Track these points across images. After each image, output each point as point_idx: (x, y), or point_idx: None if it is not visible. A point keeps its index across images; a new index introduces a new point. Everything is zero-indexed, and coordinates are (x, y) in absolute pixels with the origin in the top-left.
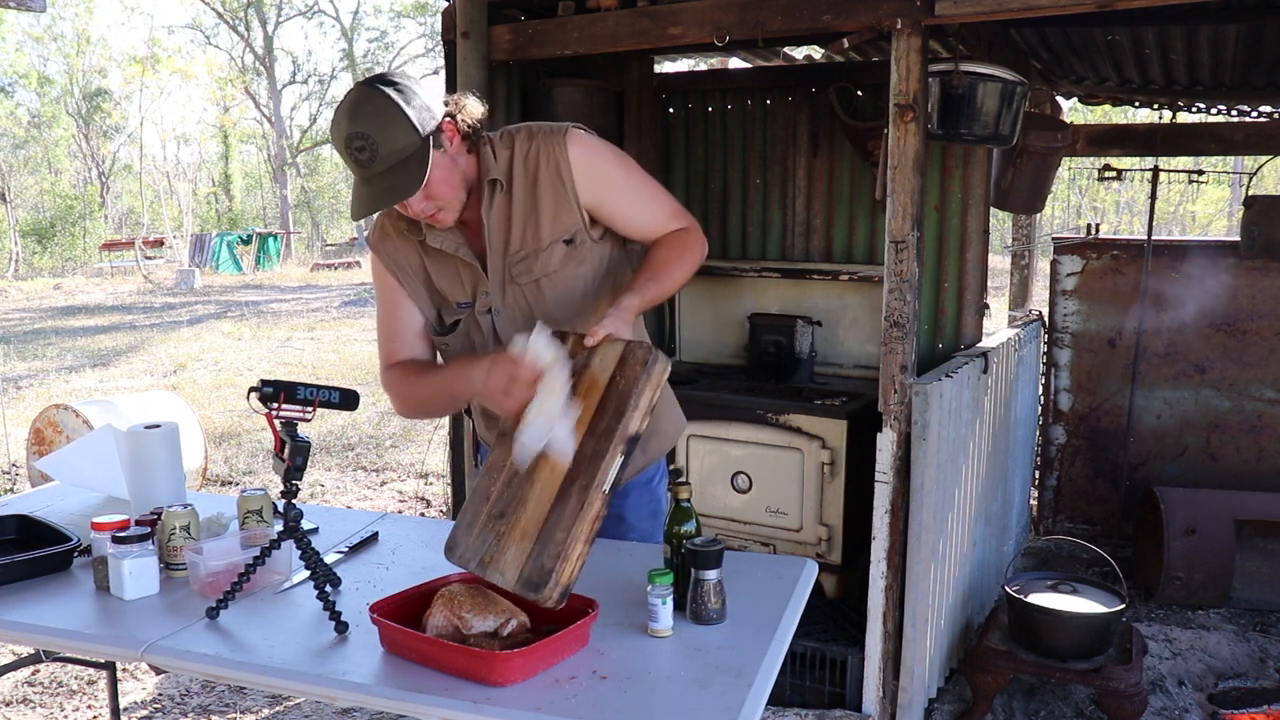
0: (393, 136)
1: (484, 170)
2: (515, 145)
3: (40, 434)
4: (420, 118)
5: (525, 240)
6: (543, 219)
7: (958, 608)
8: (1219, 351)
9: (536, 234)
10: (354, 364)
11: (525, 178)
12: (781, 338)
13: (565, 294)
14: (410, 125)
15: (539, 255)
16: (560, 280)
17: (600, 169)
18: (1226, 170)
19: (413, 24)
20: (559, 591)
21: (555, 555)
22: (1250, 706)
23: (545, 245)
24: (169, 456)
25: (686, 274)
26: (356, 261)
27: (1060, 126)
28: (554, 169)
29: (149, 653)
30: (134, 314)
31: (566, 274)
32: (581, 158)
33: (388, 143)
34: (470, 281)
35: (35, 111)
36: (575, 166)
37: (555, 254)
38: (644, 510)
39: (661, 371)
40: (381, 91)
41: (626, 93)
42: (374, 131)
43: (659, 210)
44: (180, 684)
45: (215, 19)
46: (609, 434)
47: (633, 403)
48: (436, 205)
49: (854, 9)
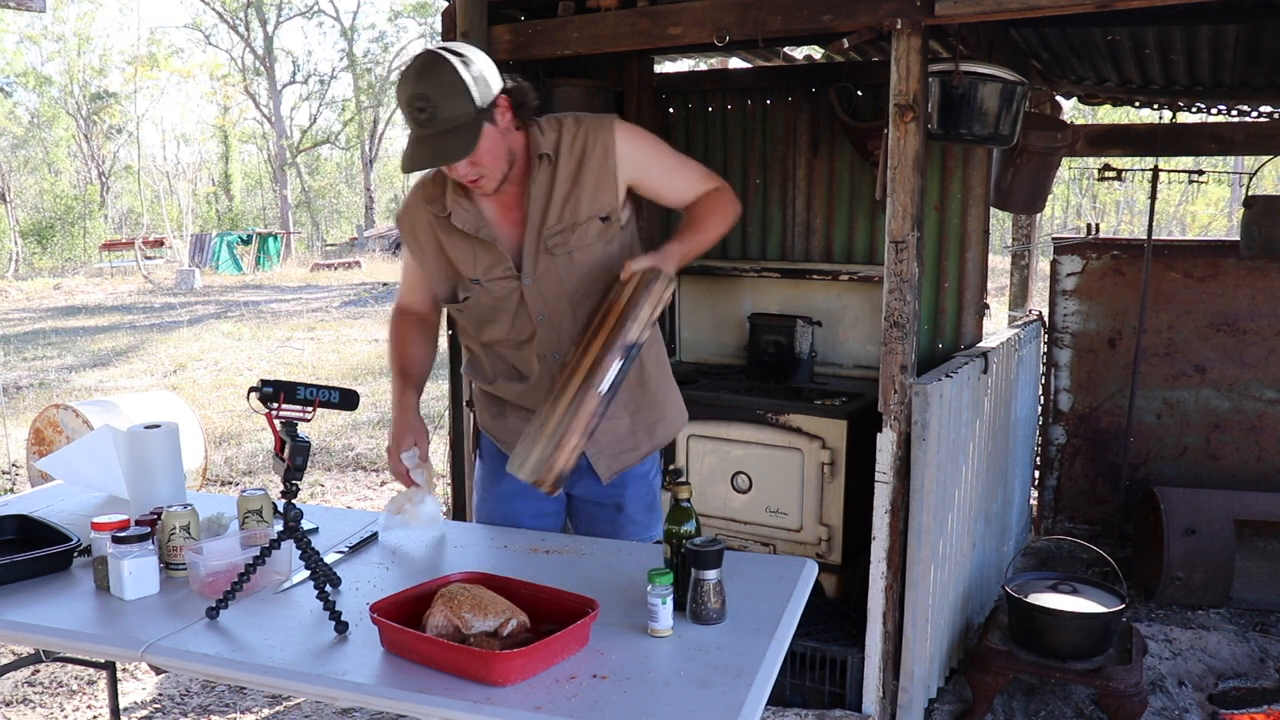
0: (452, 104)
1: (533, 146)
2: (563, 128)
3: (40, 434)
4: (479, 90)
5: (564, 215)
6: (583, 195)
7: (958, 608)
8: (1219, 351)
9: (576, 209)
10: (354, 364)
11: (571, 157)
12: (781, 338)
13: (594, 268)
14: (469, 96)
15: (575, 229)
16: (591, 255)
17: (640, 149)
18: (1226, 170)
19: (413, 24)
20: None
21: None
22: (1250, 706)
23: (583, 220)
24: (169, 456)
25: (724, 226)
26: (356, 262)
27: (1060, 126)
28: (600, 151)
29: (149, 653)
30: (134, 314)
31: (597, 250)
32: (625, 140)
33: (446, 108)
34: (486, 261)
35: (35, 111)
36: (619, 148)
37: (591, 229)
38: (642, 502)
39: (662, 287)
40: (448, 60)
41: (626, 93)
42: (435, 96)
43: (693, 176)
44: (180, 684)
45: (215, 19)
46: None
47: (632, 315)
48: (479, 172)
49: (854, 9)
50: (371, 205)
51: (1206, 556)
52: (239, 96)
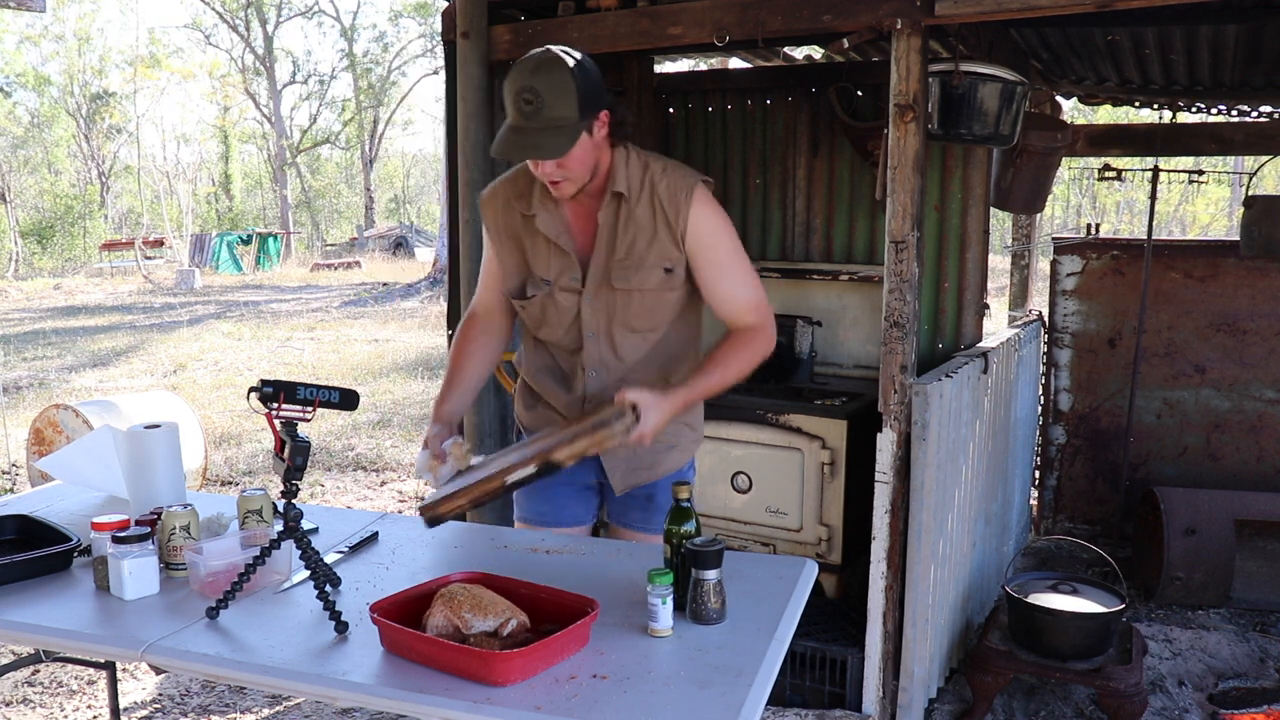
0: (560, 105)
1: (614, 173)
2: (650, 167)
3: (40, 434)
4: (587, 99)
5: (632, 251)
6: (654, 241)
7: (958, 608)
8: (1219, 351)
9: (646, 252)
10: (354, 364)
11: (648, 199)
12: (781, 338)
13: (648, 310)
14: (577, 103)
15: (640, 270)
16: (649, 297)
17: (710, 230)
18: (1226, 170)
19: (413, 24)
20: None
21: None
22: (1250, 706)
23: (649, 265)
24: (169, 456)
25: (741, 375)
26: (356, 262)
27: (1060, 126)
28: (675, 207)
29: (149, 653)
30: (134, 314)
31: (657, 295)
32: (699, 212)
33: (553, 108)
34: (559, 265)
35: (34, 111)
36: (693, 217)
37: (654, 275)
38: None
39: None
40: (567, 64)
41: (626, 93)
42: (546, 92)
43: (741, 291)
44: (180, 684)
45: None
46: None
47: (567, 438)
48: (564, 175)
49: (854, 9)
50: (371, 205)
51: (1206, 556)
52: (239, 96)
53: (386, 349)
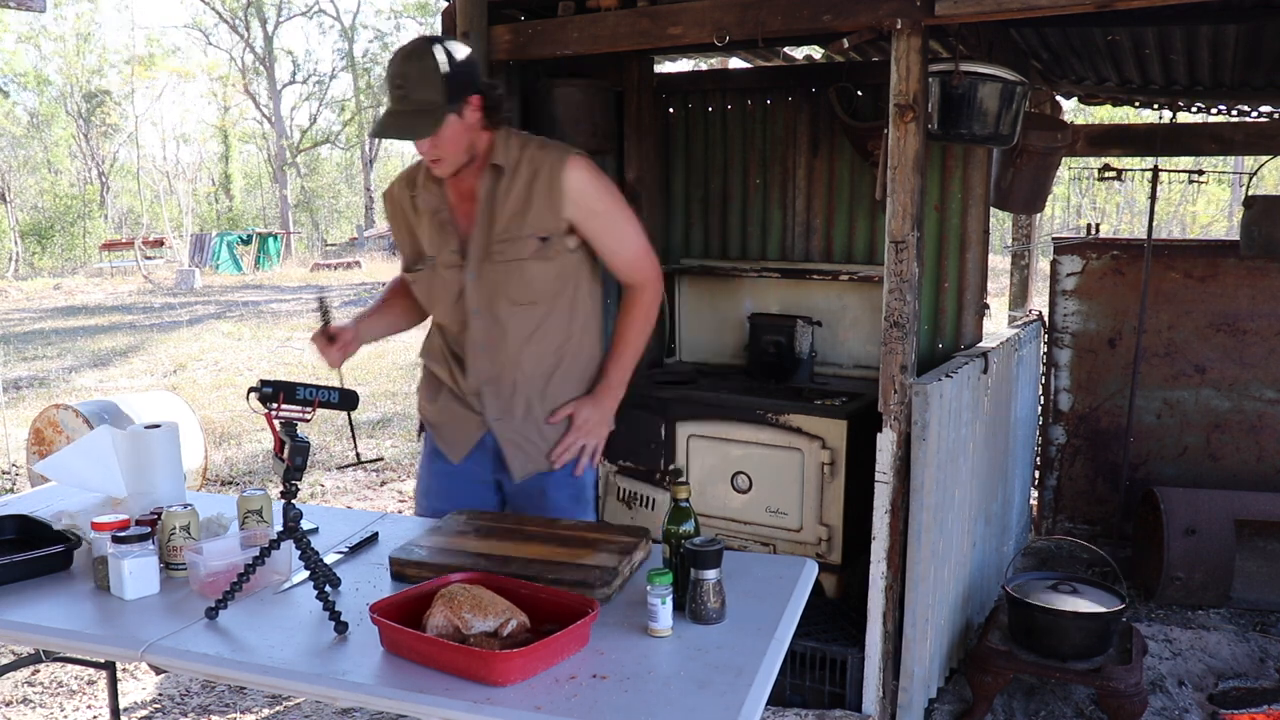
0: (424, 89)
1: (494, 152)
2: (527, 147)
3: (40, 434)
4: (453, 84)
5: (510, 226)
6: (529, 214)
7: (958, 608)
8: (1219, 351)
9: (521, 224)
10: (353, 364)
11: (525, 175)
12: (781, 338)
13: (527, 282)
14: (441, 88)
15: (517, 242)
16: (528, 268)
17: (587, 193)
18: (1226, 170)
19: (413, 24)
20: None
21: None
22: (1250, 706)
23: (524, 235)
24: (169, 456)
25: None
26: (356, 261)
27: (1060, 126)
28: (549, 178)
29: (149, 653)
30: (134, 314)
31: (534, 266)
32: (576, 179)
33: (417, 91)
34: (440, 241)
35: (34, 111)
36: (568, 184)
37: (529, 246)
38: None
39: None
40: (433, 52)
41: (626, 92)
42: (414, 79)
43: (628, 247)
44: (180, 684)
45: (215, 19)
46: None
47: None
48: (438, 155)
49: (854, 9)
50: (371, 205)
51: (1206, 556)
52: (239, 96)
53: (386, 349)
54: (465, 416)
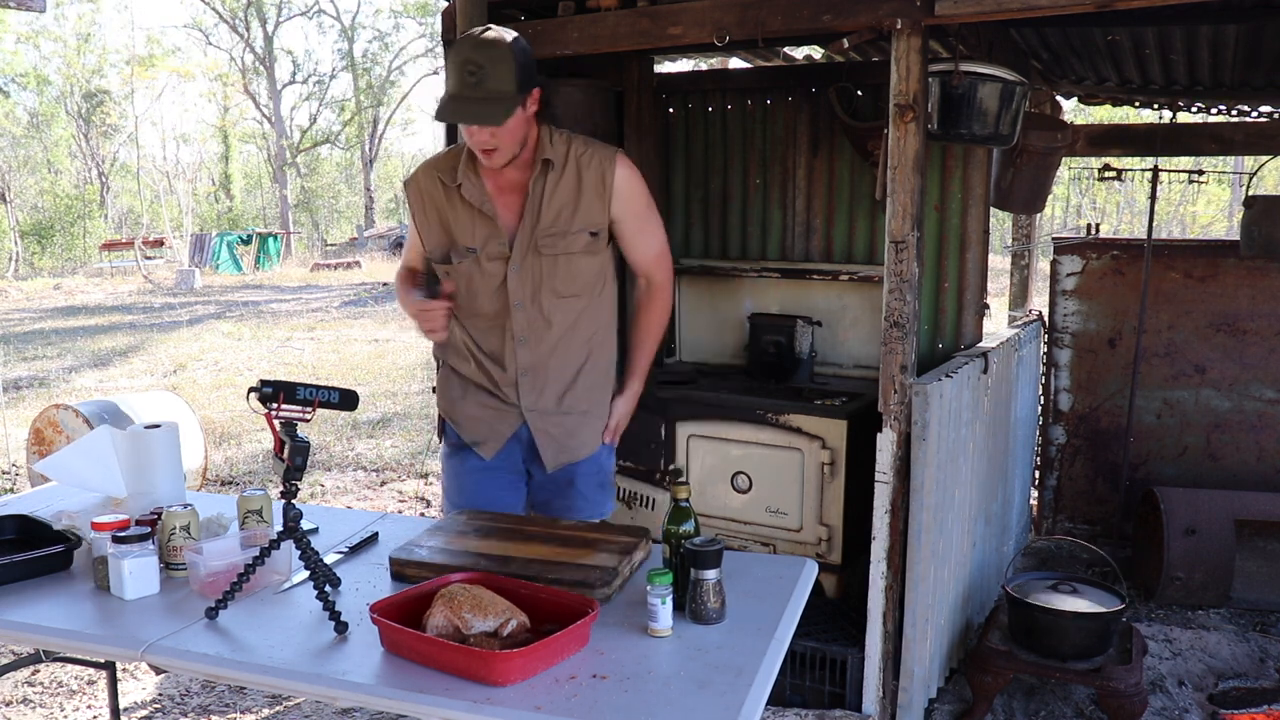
0: (501, 78)
1: (540, 147)
2: (572, 143)
3: (40, 434)
4: (524, 76)
5: (559, 220)
6: (579, 209)
7: (958, 608)
8: (1219, 351)
9: (571, 218)
10: (354, 364)
11: (574, 170)
12: (781, 338)
13: (574, 275)
14: (517, 78)
15: (566, 236)
16: (575, 262)
17: (633, 194)
18: (1226, 170)
19: (413, 24)
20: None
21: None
22: (1250, 706)
23: (575, 230)
24: (169, 456)
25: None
26: (356, 261)
27: (1060, 126)
28: (599, 175)
29: (149, 653)
30: (134, 314)
31: (581, 259)
32: (624, 178)
33: (494, 80)
34: (484, 233)
35: (34, 111)
36: (618, 182)
37: (580, 240)
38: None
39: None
40: (509, 42)
41: (626, 93)
42: (490, 66)
43: (653, 246)
44: (180, 684)
45: (215, 19)
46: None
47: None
48: (496, 144)
49: (854, 9)
50: (371, 205)
51: (1206, 556)
52: (239, 96)
53: (386, 349)
54: (500, 410)
